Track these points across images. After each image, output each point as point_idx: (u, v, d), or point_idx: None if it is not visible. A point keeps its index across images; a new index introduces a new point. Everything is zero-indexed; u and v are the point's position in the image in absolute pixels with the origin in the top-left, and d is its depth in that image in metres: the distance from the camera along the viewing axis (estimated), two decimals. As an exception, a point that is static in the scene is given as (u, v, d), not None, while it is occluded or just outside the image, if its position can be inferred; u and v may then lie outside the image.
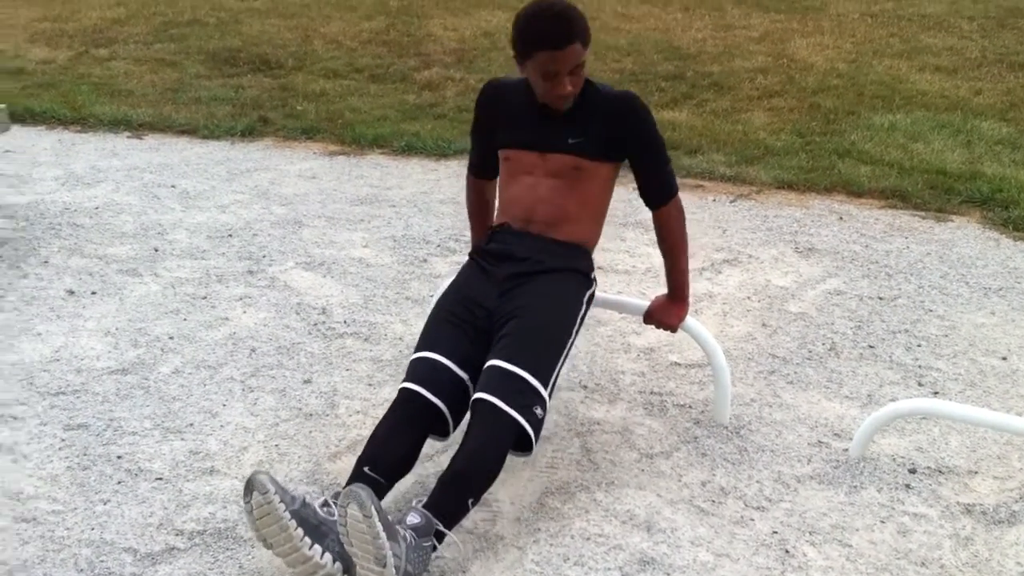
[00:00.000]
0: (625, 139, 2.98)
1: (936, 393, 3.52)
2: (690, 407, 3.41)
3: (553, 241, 3.01)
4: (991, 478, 3.06)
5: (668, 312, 3.19)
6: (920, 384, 3.58)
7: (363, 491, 2.37)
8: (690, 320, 3.22)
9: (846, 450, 3.17)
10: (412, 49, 9.01)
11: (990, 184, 5.64)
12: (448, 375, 2.83)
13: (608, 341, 3.86)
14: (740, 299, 4.21)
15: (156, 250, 4.65)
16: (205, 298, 4.16)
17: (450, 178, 5.80)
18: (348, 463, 3.05)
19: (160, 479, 2.99)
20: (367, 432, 3.20)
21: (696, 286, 4.26)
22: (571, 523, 2.81)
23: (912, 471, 3.07)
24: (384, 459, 2.72)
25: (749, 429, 3.28)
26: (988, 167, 6.02)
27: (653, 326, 3.25)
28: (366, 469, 2.68)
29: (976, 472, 3.09)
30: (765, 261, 4.60)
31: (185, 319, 3.97)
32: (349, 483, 2.67)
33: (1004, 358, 3.76)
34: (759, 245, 4.77)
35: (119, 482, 2.97)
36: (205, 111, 7.19)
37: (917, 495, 2.96)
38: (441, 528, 2.53)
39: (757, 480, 3.02)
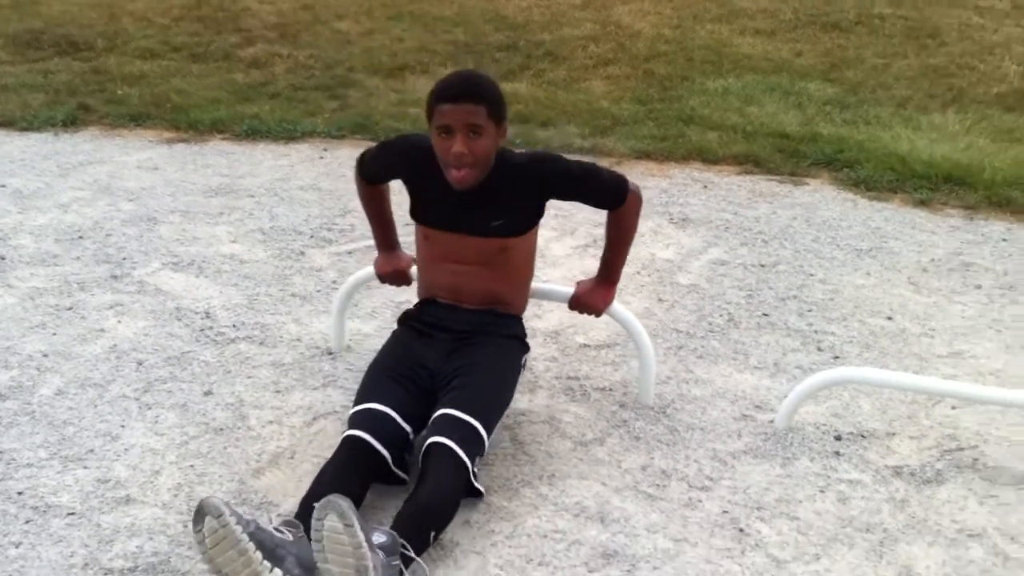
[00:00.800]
0: (545, 197, 2.99)
1: (836, 357, 3.63)
2: (611, 390, 3.39)
3: (485, 312, 3.02)
4: (907, 438, 3.17)
5: (596, 296, 3.16)
6: (819, 349, 3.68)
7: (343, 501, 2.25)
8: (614, 303, 3.19)
9: (771, 422, 3.22)
10: (230, 24, 8.62)
11: (830, 145, 5.86)
12: (392, 425, 2.77)
13: (511, 326, 3.79)
14: (630, 275, 4.21)
15: (2, 258, 4.27)
16: (71, 309, 3.85)
17: (304, 163, 5.57)
18: (274, 478, 2.90)
19: (72, 514, 2.74)
20: (285, 444, 3.06)
21: (583, 263, 4.25)
22: (523, 521, 2.75)
23: (838, 438, 3.15)
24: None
25: (674, 408, 3.29)
26: (824, 128, 6.25)
27: (577, 311, 3.20)
28: (315, 504, 2.53)
29: (893, 434, 3.19)
30: (645, 234, 4.62)
31: (55, 333, 3.66)
32: (300, 513, 2.53)
33: (889, 318, 3.91)
34: (635, 218, 4.78)
35: (27, 521, 2.71)
36: (17, 100, 6.65)
37: (847, 461, 3.04)
38: (409, 552, 2.42)
39: (695, 459, 3.03)
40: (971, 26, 8.99)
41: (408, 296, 3.88)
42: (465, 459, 2.66)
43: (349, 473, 2.66)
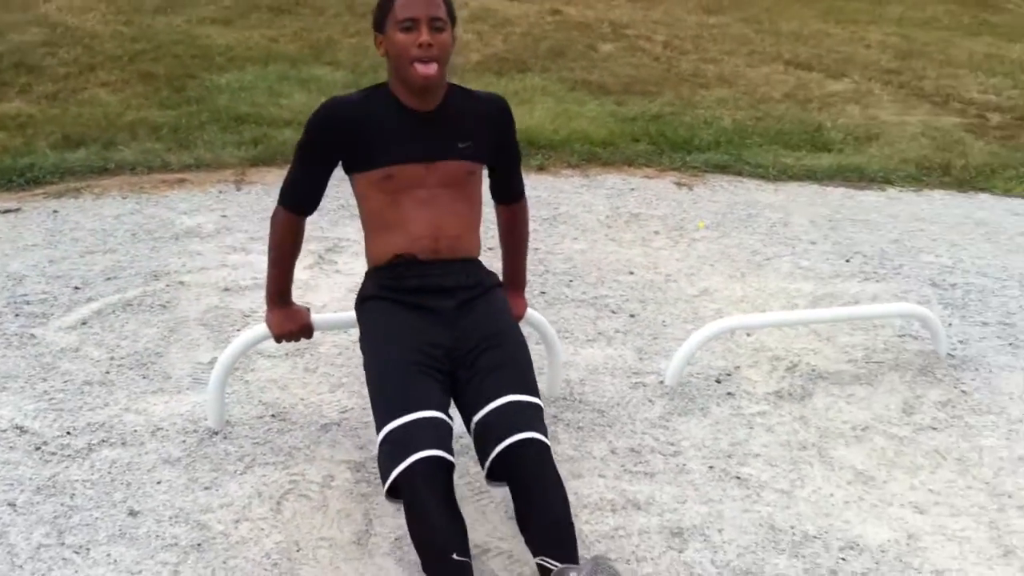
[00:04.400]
0: (499, 141, 2.92)
1: (632, 316, 4.05)
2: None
3: (464, 261, 2.88)
4: (748, 367, 3.72)
5: (515, 305, 3.20)
6: (613, 312, 4.07)
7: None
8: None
9: (661, 382, 3.56)
10: None
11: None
12: (447, 429, 2.59)
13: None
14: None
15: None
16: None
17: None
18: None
19: None
20: (280, 538, 2.73)
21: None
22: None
23: (718, 381, 3.60)
24: (460, 540, 2.46)
25: (579, 392, 3.48)
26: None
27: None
28: (455, 556, 2.41)
29: (738, 367, 3.72)
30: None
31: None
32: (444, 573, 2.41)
33: (631, 272, 4.44)
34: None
35: None
36: None
37: (745, 399, 3.50)
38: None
39: (642, 432, 3.28)
40: None
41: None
42: (549, 444, 2.59)
43: (450, 503, 2.49)
